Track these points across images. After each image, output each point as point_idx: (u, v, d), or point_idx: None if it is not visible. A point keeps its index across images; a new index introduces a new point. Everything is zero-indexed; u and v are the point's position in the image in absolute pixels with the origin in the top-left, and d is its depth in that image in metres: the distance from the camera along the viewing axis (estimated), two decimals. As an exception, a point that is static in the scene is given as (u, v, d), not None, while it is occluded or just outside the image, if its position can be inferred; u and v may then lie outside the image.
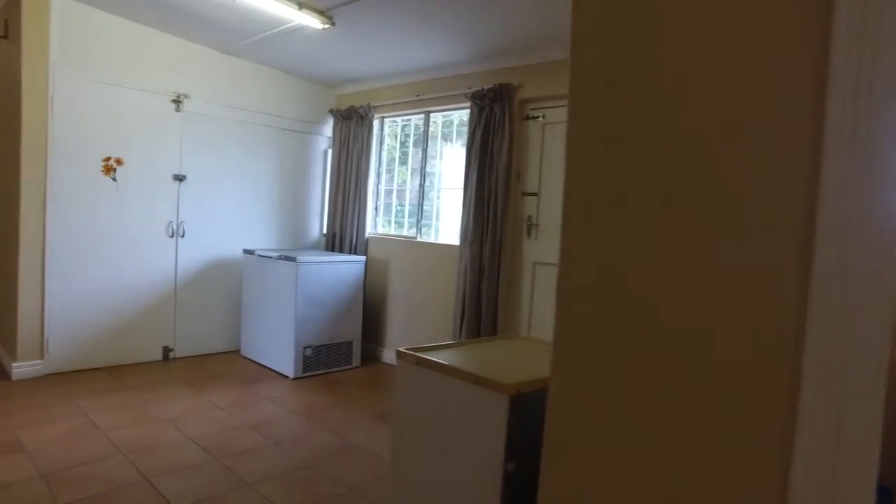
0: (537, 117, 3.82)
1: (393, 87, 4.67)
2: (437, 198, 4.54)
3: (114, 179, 3.89)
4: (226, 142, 4.43)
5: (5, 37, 3.79)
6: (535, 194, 3.83)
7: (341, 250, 4.92)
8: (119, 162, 3.90)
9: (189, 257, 4.30)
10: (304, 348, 4.00)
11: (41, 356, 3.68)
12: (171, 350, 4.26)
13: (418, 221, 4.53)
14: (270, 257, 4.14)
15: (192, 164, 4.24)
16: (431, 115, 4.49)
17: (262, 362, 4.27)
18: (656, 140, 0.78)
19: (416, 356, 1.69)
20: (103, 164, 3.84)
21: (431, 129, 4.51)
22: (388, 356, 4.63)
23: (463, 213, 3.98)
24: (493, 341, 2.04)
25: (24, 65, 3.48)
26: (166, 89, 4.09)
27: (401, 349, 1.73)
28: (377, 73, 4.52)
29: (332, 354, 4.20)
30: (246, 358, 4.42)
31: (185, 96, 4.17)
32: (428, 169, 4.70)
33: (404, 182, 4.80)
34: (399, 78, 4.57)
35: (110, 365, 3.96)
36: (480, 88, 3.89)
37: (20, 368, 3.61)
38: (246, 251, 4.42)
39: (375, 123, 4.81)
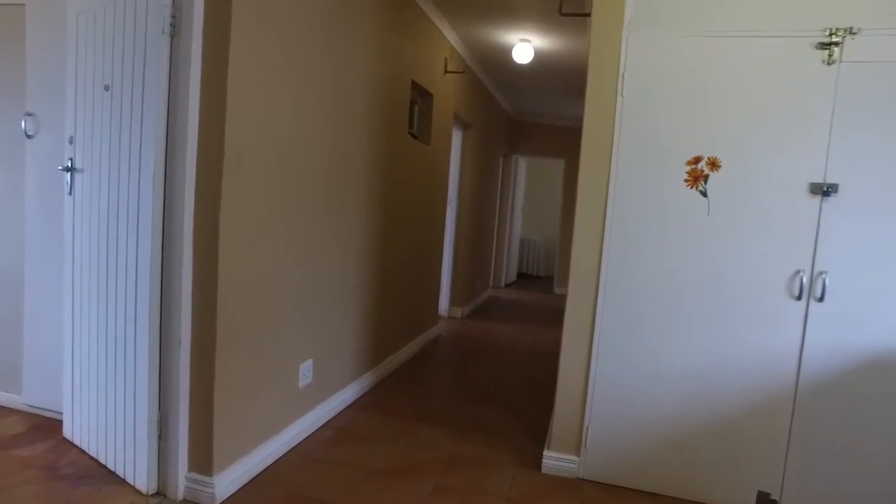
0: None
1: None
2: None
3: (703, 194, 2.35)
4: (932, 112, 2.13)
5: (585, 13, 2.87)
6: None
7: None
8: (714, 165, 2.33)
9: (829, 339, 2.25)
10: None
11: (577, 451, 2.55)
12: (774, 502, 2.34)
13: None
14: None
15: (848, 164, 2.19)
16: None
17: None
18: None
19: None
20: (688, 169, 2.36)
21: None
22: None
23: None
24: None
25: (592, 36, 2.43)
26: (807, 26, 2.21)
27: None
28: None
29: None
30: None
31: (848, 32, 2.16)
32: None
33: None
34: None
35: (667, 495, 2.45)
36: None
37: (551, 461, 2.58)
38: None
39: None
